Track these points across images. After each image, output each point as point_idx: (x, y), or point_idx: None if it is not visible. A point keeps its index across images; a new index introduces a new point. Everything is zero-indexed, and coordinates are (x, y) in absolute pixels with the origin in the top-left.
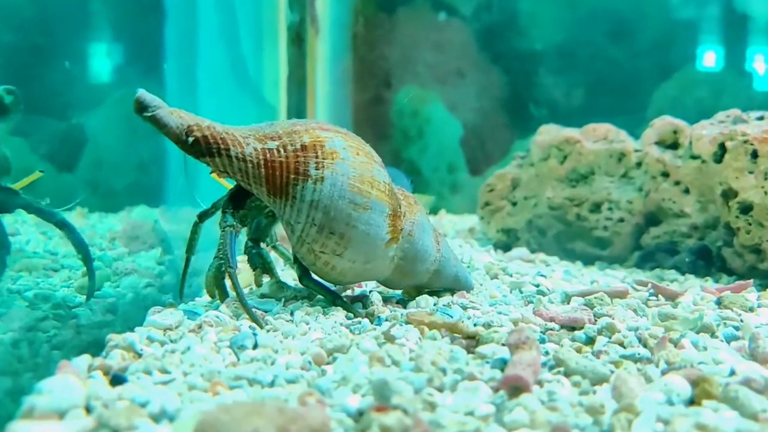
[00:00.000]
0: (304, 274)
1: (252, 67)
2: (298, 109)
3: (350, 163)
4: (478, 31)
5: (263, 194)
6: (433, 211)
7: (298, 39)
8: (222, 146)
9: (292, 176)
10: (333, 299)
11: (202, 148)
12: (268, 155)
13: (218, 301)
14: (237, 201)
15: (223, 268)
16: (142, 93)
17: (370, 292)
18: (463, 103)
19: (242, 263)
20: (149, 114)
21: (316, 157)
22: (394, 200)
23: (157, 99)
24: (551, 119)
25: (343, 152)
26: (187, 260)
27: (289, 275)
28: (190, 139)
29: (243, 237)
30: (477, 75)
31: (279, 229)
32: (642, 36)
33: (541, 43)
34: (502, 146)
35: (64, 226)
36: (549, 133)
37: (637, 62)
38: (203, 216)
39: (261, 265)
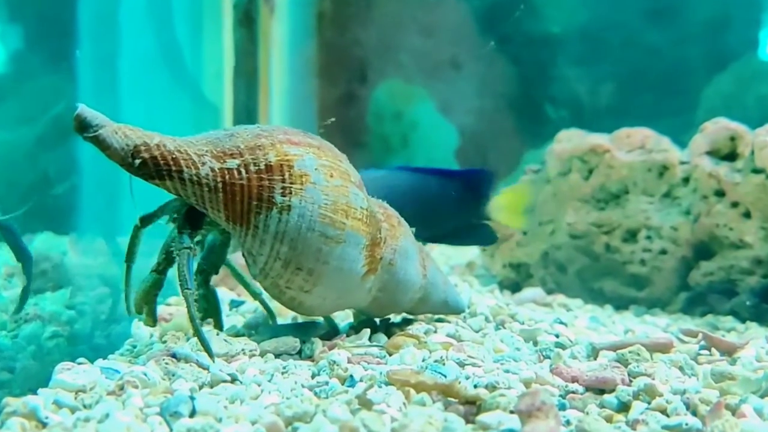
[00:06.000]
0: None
1: (189, 55)
2: (247, 108)
3: (322, 187)
4: (477, 9)
5: (221, 220)
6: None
7: (247, 20)
8: (174, 167)
9: (255, 203)
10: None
11: (150, 170)
12: (227, 177)
13: (144, 356)
14: (194, 219)
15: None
16: (83, 109)
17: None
18: (459, 103)
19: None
20: (91, 134)
21: (283, 181)
22: (373, 226)
23: (100, 116)
24: (573, 123)
25: (314, 174)
26: (128, 269)
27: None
28: (137, 162)
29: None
30: (477, 66)
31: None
32: (689, 16)
33: (560, 25)
34: (510, 157)
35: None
36: (570, 140)
37: (683, 50)
38: (146, 220)
39: (204, 310)
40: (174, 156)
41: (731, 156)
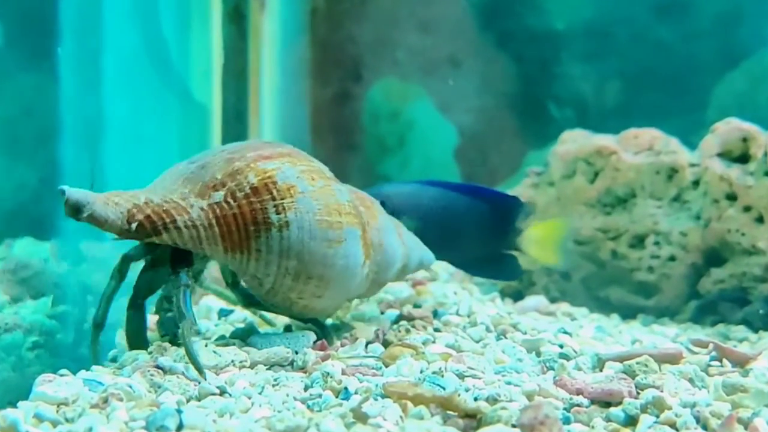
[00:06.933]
0: (251, 301)
1: (175, 53)
2: (236, 109)
3: (311, 194)
4: (478, 4)
5: (219, 253)
6: None
7: (237, 16)
8: (168, 220)
9: (252, 228)
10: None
11: (147, 229)
12: (217, 211)
13: (128, 367)
14: (185, 254)
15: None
16: (70, 192)
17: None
18: (458, 102)
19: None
20: (86, 215)
21: (273, 199)
22: (359, 215)
23: (86, 192)
24: (577, 123)
25: (299, 184)
26: (97, 334)
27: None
28: (134, 225)
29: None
30: (477, 63)
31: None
32: (700, 11)
33: (564, 20)
34: (511, 159)
35: None
36: (575, 141)
37: (692, 46)
38: (128, 259)
39: (174, 334)
40: (164, 208)
41: (743, 158)
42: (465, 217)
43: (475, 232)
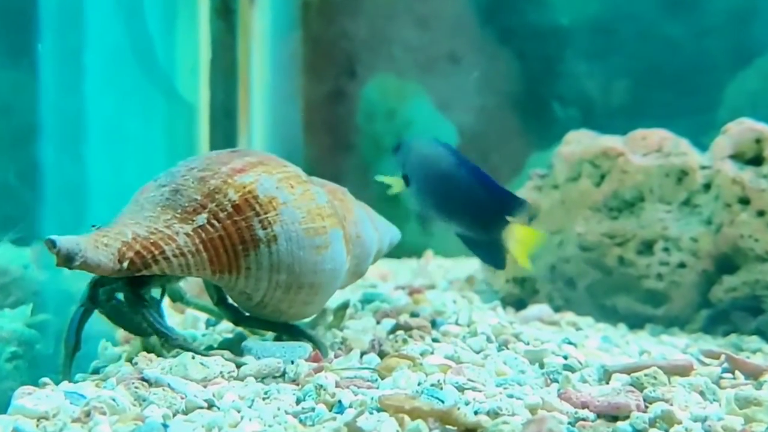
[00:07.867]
0: (239, 318)
1: (161, 48)
2: (224, 107)
3: (293, 203)
4: None
5: (207, 276)
6: (417, 252)
7: (225, 10)
8: (156, 252)
9: (240, 247)
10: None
11: (138, 265)
12: (203, 235)
13: (112, 379)
14: (141, 281)
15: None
16: (60, 242)
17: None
18: (458, 100)
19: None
20: (79, 262)
21: (257, 215)
22: (337, 213)
23: (75, 238)
24: (583, 123)
25: (280, 194)
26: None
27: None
28: (125, 264)
29: None
30: (478, 60)
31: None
32: (711, 6)
33: (569, 15)
34: (514, 160)
35: None
36: (580, 142)
37: (703, 43)
38: (98, 285)
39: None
40: (152, 240)
41: (757, 160)
42: (466, 194)
43: (471, 212)
